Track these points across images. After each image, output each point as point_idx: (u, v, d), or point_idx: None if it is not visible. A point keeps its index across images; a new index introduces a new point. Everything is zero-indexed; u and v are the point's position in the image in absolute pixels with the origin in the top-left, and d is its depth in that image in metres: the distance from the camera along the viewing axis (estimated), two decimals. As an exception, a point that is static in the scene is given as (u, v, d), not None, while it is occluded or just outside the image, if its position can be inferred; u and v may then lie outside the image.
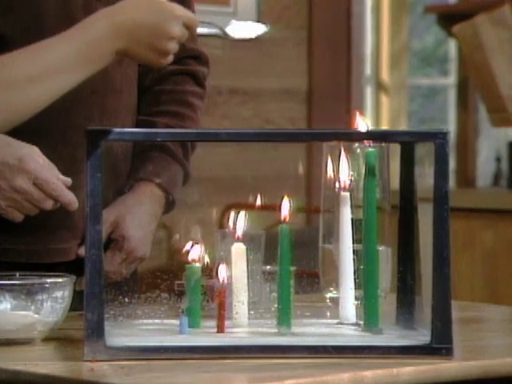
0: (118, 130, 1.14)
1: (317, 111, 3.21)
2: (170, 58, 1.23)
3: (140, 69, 1.48)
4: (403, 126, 3.71)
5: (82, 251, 1.38)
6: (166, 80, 1.50)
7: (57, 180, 1.28)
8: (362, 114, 1.18)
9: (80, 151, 1.37)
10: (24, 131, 1.27)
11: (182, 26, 1.23)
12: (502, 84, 3.22)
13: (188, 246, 1.18)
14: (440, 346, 1.10)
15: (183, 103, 1.50)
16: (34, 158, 1.28)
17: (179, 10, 1.24)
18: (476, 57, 3.27)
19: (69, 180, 1.30)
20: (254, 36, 1.25)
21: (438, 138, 1.13)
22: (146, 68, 1.48)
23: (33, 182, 1.27)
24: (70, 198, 1.29)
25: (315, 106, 3.21)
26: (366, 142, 1.17)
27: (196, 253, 1.17)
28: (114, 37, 1.20)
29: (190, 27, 1.24)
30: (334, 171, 1.22)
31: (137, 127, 1.47)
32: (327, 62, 3.23)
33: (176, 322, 1.16)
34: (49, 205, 1.29)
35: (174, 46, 1.23)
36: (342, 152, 1.20)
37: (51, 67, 1.19)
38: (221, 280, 1.16)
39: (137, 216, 1.41)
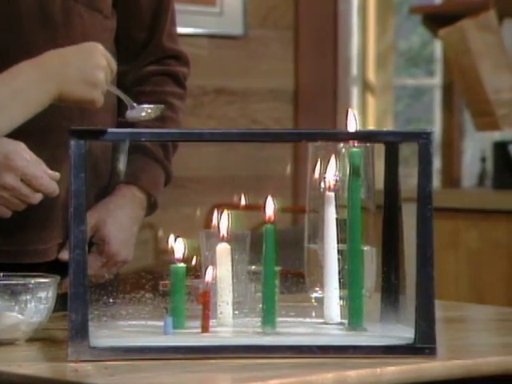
0: (101, 129, 1.13)
1: (303, 111, 3.21)
2: (102, 95, 1.24)
3: (119, 69, 1.47)
4: (389, 127, 3.72)
5: (63, 255, 1.38)
6: (146, 81, 1.49)
7: (44, 174, 1.28)
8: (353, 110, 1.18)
9: (60, 152, 1.36)
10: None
11: (107, 56, 1.25)
12: (488, 88, 3.23)
13: (171, 239, 1.17)
14: (423, 345, 1.11)
15: (163, 104, 1.50)
16: (21, 154, 1.28)
17: (100, 59, 1.25)
18: (462, 61, 3.28)
19: (57, 174, 1.29)
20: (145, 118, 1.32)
21: (421, 138, 1.13)
22: (125, 68, 1.48)
23: (20, 179, 1.27)
24: (56, 188, 1.29)
25: (302, 106, 3.21)
26: (350, 142, 1.17)
27: (180, 247, 1.16)
28: (42, 80, 1.20)
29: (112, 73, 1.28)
30: (319, 171, 1.22)
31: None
32: (314, 62, 3.23)
33: (160, 322, 1.15)
34: (37, 199, 1.28)
35: (103, 76, 1.25)
36: (328, 152, 1.20)
37: None
38: (205, 280, 1.16)
39: (118, 219, 1.40)
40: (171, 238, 1.18)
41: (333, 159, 1.20)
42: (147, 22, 1.48)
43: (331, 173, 1.19)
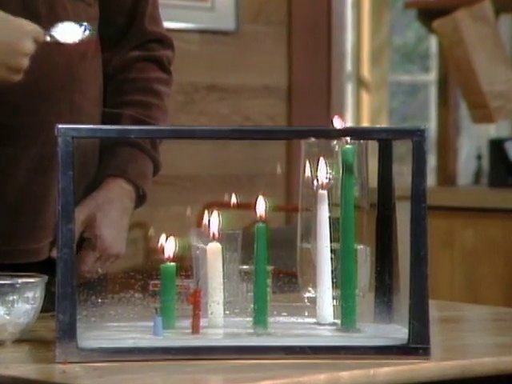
0: (89, 126, 1.13)
1: (297, 108, 3.22)
2: (21, 75, 1.24)
3: (103, 55, 1.47)
4: (384, 124, 3.72)
5: (54, 253, 1.37)
6: (129, 68, 1.48)
7: None
8: (341, 115, 1.18)
9: (48, 149, 1.36)
10: None
11: (32, 41, 1.25)
12: (482, 80, 3.23)
13: (162, 239, 1.17)
14: (417, 345, 1.11)
15: (148, 91, 1.48)
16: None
17: (27, 25, 1.25)
18: (456, 52, 3.29)
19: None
20: (77, 40, 1.29)
21: (415, 135, 1.13)
22: (108, 55, 1.47)
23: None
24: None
25: (295, 102, 3.21)
26: (343, 139, 1.17)
27: (170, 246, 1.16)
28: None
29: (38, 40, 1.27)
30: (312, 169, 1.22)
31: (102, 120, 1.45)
32: (307, 59, 3.24)
33: (150, 322, 1.15)
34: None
35: (26, 62, 1.25)
36: (321, 150, 1.21)
37: None
38: (196, 280, 1.16)
39: (108, 213, 1.40)
40: (162, 237, 1.18)
41: (326, 157, 1.20)
42: (128, 6, 1.47)
43: (324, 171, 1.19)
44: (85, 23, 1.30)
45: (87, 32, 1.29)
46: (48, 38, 1.27)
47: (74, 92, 1.39)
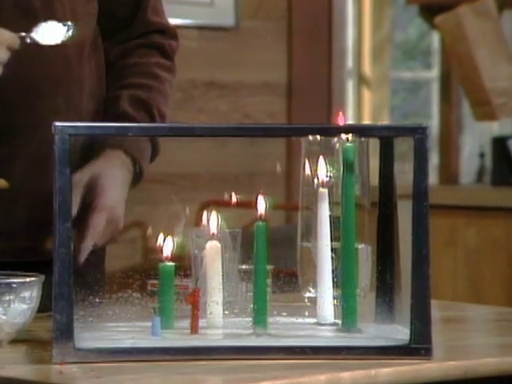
0: (87, 124, 1.14)
1: (297, 105, 3.22)
2: None
3: (104, 46, 1.46)
4: (386, 121, 3.73)
5: (49, 244, 1.34)
6: (130, 54, 1.46)
7: None
8: (342, 112, 1.19)
9: (44, 147, 1.35)
10: None
11: (6, 50, 1.25)
12: (485, 76, 3.24)
13: (160, 239, 1.17)
14: (419, 346, 1.11)
15: (148, 75, 1.45)
16: None
17: (1, 33, 1.25)
18: (459, 48, 3.29)
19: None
20: (59, 41, 1.28)
21: (417, 133, 1.13)
22: (109, 46, 1.46)
23: None
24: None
25: (295, 99, 3.21)
26: (344, 136, 1.17)
27: (169, 247, 1.16)
28: None
29: (12, 49, 1.26)
30: (312, 167, 1.22)
31: (102, 106, 1.42)
32: (307, 55, 3.24)
33: (148, 322, 1.16)
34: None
35: (0, 70, 1.24)
36: (321, 147, 1.21)
37: None
38: (194, 279, 1.17)
39: (111, 174, 1.34)
40: (160, 236, 1.18)
41: (326, 155, 1.20)
42: None
43: (324, 169, 1.19)
44: (68, 23, 1.29)
45: (70, 32, 1.28)
46: (28, 41, 1.26)
47: (71, 87, 1.39)
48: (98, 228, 1.32)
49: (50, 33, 1.28)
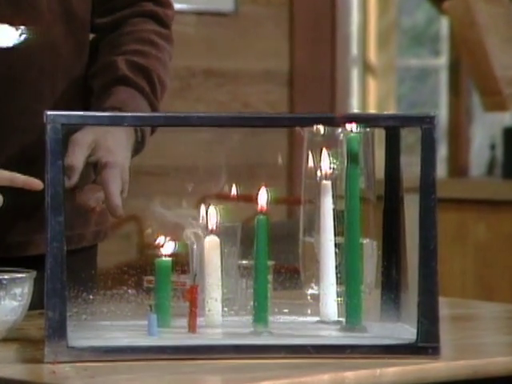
0: (80, 113, 1.13)
1: (299, 94, 3.22)
2: None
3: (95, 22, 1.42)
4: (392, 111, 3.73)
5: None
6: (122, 24, 1.43)
7: None
8: (346, 102, 1.18)
9: (30, 137, 1.35)
10: None
11: None
12: (495, 64, 3.24)
13: (160, 240, 1.18)
14: (426, 344, 1.11)
15: (144, 41, 1.41)
16: None
17: None
18: (468, 35, 3.29)
19: None
20: (11, 44, 1.28)
21: (424, 123, 1.13)
22: (97, 14, 1.41)
23: None
24: None
25: (297, 88, 3.22)
26: (348, 126, 1.17)
27: (166, 241, 1.17)
28: None
29: None
30: (315, 159, 1.22)
31: (96, 74, 1.40)
32: (310, 42, 3.24)
33: (144, 320, 1.16)
34: None
35: None
36: (324, 138, 1.21)
37: None
38: (192, 275, 1.17)
39: (116, 136, 1.31)
40: (157, 230, 1.18)
41: (330, 146, 1.20)
42: None
43: (327, 160, 1.19)
44: (21, 26, 1.28)
45: (23, 36, 1.27)
46: None
47: (56, 74, 1.38)
48: (116, 182, 1.28)
49: (2, 37, 1.27)
